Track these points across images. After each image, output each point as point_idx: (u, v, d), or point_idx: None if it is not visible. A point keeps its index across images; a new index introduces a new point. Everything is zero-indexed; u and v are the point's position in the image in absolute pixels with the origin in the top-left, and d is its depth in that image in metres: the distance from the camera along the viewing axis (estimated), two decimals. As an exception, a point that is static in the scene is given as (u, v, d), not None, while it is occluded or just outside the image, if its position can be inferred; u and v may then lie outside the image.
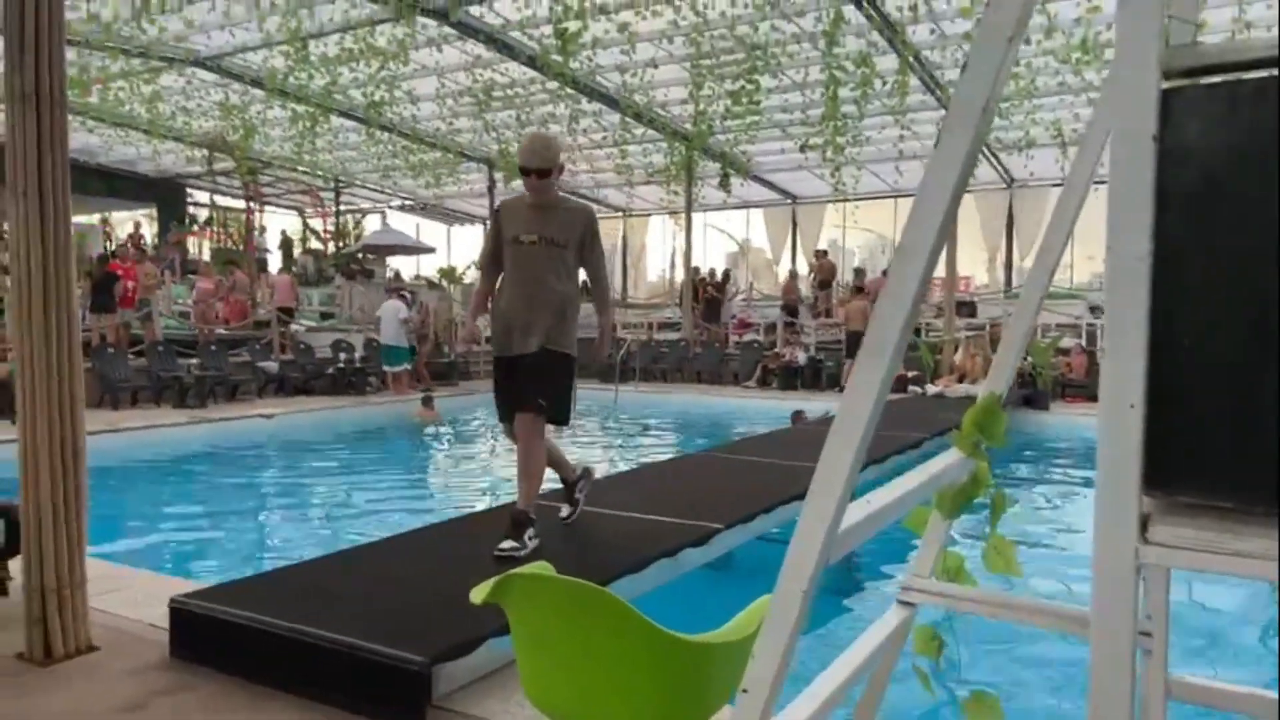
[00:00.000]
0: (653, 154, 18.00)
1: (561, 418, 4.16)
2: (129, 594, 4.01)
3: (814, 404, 12.65)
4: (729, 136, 16.27)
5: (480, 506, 7.26)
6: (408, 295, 16.32)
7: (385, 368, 14.70)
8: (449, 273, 22.18)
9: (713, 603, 4.66)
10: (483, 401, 15.11)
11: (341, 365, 14.66)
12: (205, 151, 16.97)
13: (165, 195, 22.25)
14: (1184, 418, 0.90)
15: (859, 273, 18.51)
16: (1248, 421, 0.87)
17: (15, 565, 3.96)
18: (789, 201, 22.86)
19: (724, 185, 17.86)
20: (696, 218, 20.21)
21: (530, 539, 3.99)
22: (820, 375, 16.03)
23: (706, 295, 19.92)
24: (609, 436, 12.64)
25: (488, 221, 22.36)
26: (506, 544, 3.89)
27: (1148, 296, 0.89)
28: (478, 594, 1.84)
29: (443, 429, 12.83)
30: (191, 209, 23.66)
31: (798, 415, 10.76)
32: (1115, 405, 0.89)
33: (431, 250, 24.22)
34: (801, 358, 16.19)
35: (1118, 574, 0.89)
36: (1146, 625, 1.51)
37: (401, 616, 3.23)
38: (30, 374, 3.34)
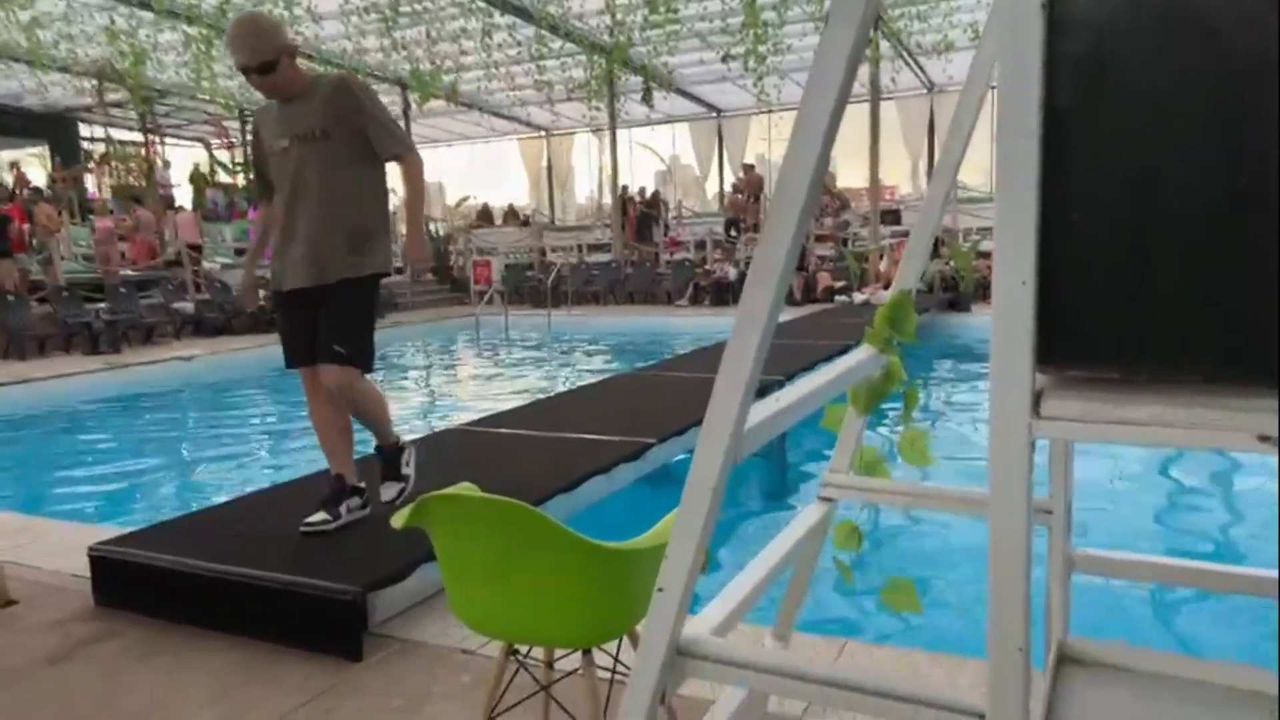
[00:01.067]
0: (572, 68, 17.49)
1: (363, 361, 3.31)
2: (45, 546, 3.89)
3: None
4: (648, 48, 15.88)
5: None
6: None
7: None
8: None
9: (653, 517, 4.75)
10: (413, 334, 14.88)
11: (262, 303, 14.17)
12: (94, 82, 15.89)
13: (57, 131, 20.86)
14: (1073, 293, 0.90)
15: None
16: (1130, 294, 0.88)
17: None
18: (714, 115, 22.58)
19: (647, 100, 17.52)
20: (622, 135, 19.86)
21: (352, 509, 3.44)
22: (751, 289, 16.11)
23: (636, 214, 19.75)
24: (544, 361, 12.59)
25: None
26: (317, 516, 3.32)
27: (1037, 172, 0.88)
28: (398, 519, 1.81)
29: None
30: (86, 145, 22.26)
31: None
32: (1007, 283, 0.89)
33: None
34: (733, 273, 16.25)
35: (1011, 451, 0.91)
36: (1047, 504, 1.56)
37: (331, 550, 3.20)
38: None
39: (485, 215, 24.77)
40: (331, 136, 3.19)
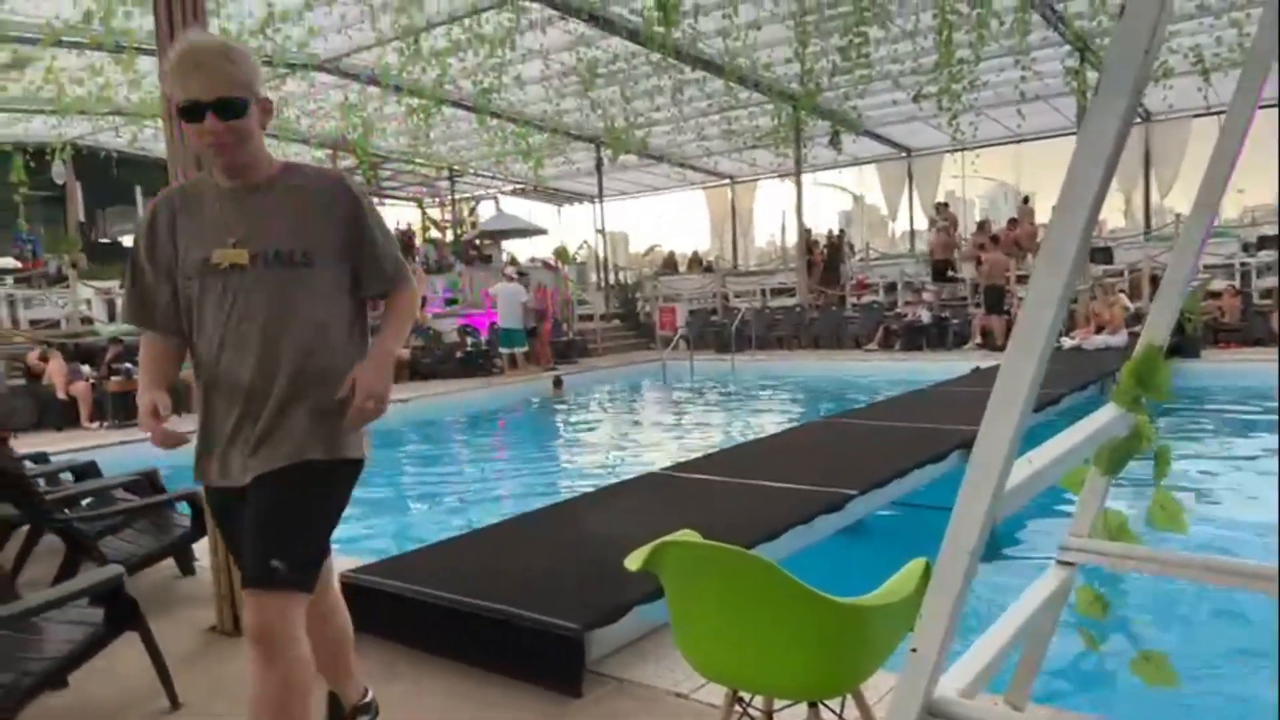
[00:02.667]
0: (759, 117, 17.73)
1: (307, 583, 2.07)
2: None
3: (942, 364, 12.30)
4: (838, 93, 15.84)
5: (611, 480, 7.45)
6: (525, 277, 16.75)
7: (503, 349, 15.16)
8: (563, 253, 22.58)
9: (849, 568, 4.66)
10: (604, 378, 15.39)
11: (469, 349, 15.21)
12: (329, 151, 17.80)
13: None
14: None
15: (983, 225, 17.74)
16: None
17: (199, 548, 4.35)
18: (904, 155, 22.08)
19: (835, 144, 17.42)
20: (806, 178, 19.81)
21: None
22: (946, 333, 15.52)
23: (822, 257, 19.56)
24: (728, 406, 12.65)
25: (595, 200, 22.74)
26: None
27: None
28: (632, 561, 1.91)
29: (569, 405, 13.15)
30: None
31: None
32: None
33: (544, 231, 24.74)
34: (925, 316, 15.70)
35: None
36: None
37: (551, 586, 3.38)
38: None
39: (670, 263, 25.38)
40: (315, 263, 2.08)
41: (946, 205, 19.87)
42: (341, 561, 4.55)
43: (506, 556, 3.78)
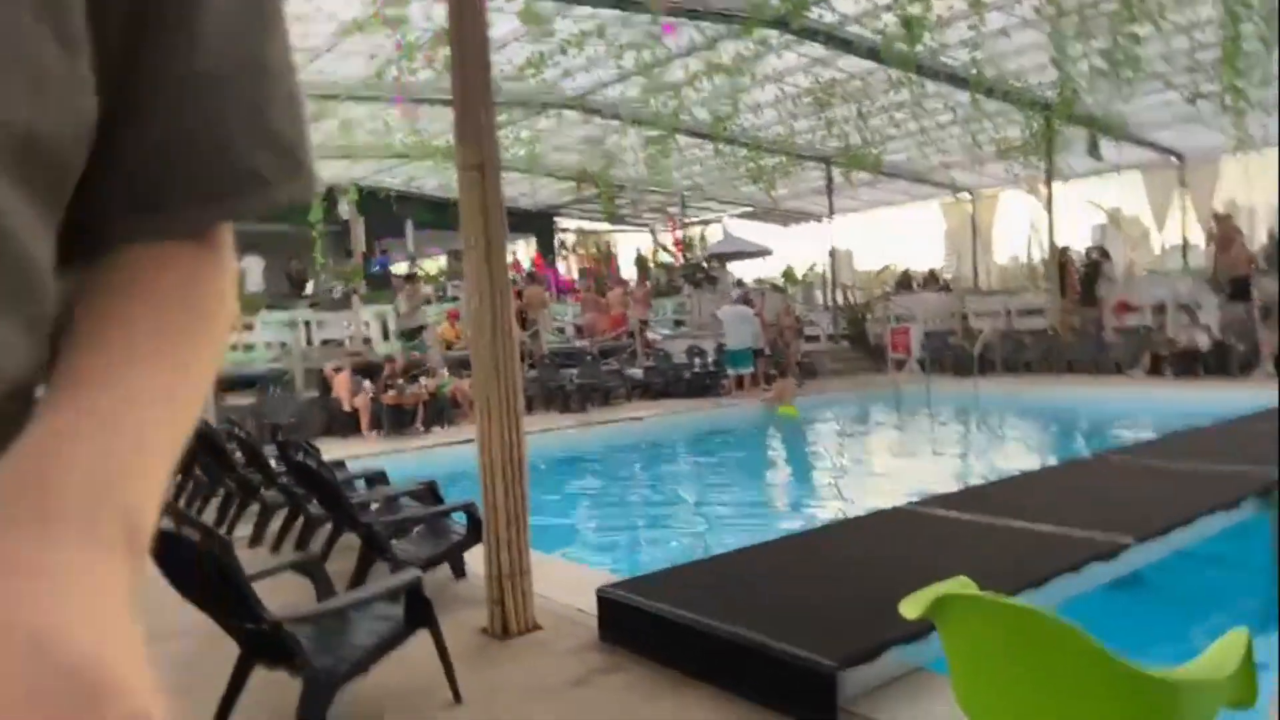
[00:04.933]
0: (1005, 128, 16.72)
1: None
2: (558, 581, 4.62)
3: (1225, 394, 10.91)
4: (1097, 97, 14.61)
5: (846, 509, 7.29)
6: (753, 300, 16.83)
7: (731, 370, 15.28)
8: (789, 274, 22.46)
9: (1121, 627, 4.25)
10: (834, 401, 15.08)
11: (696, 370, 15.51)
12: (573, 183, 18.91)
13: (539, 225, 25.15)
14: None
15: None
16: None
17: (469, 554, 4.76)
18: (1174, 161, 19.90)
19: (1094, 153, 16.04)
20: (1056, 188, 18.37)
21: None
22: (1228, 359, 13.74)
23: (1077, 275, 17.98)
24: (973, 436, 11.95)
25: (823, 219, 22.40)
26: None
27: None
28: (911, 609, 1.88)
29: (798, 429, 13.03)
30: (558, 235, 26.50)
31: None
32: None
33: (769, 253, 24.74)
34: (1203, 340, 14.01)
35: None
36: None
37: (802, 618, 3.38)
38: (484, 392, 4.02)
39: (904, 281, 24.44)
40: None
41: (1228, 216, 17.65)
42: (591, 575, 4.82)
43: (754, 583, 3.82)
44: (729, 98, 13.30)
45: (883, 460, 10.68)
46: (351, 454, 10.02)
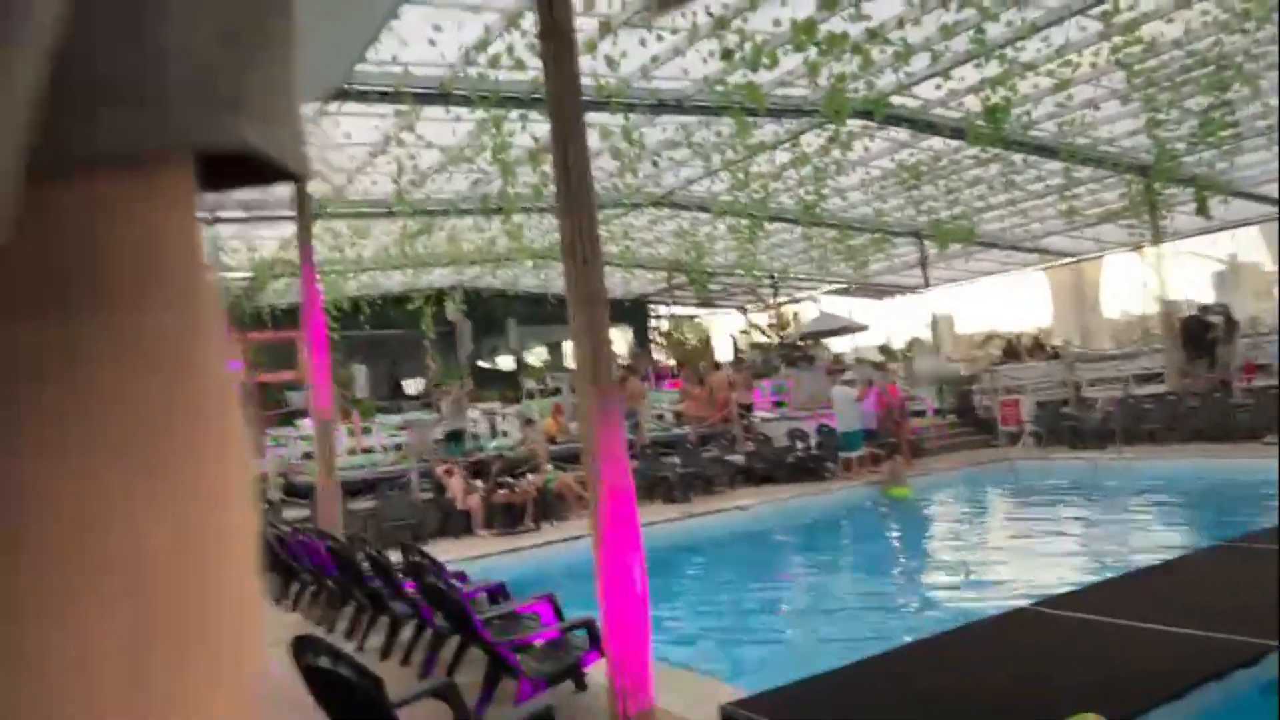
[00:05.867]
0: (1100, 192, 16.38)
1: None
2: (679, 692, 4.64)
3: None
4: (1198, 157, 14.22)
5: (967, 604, 7.07)
6: (853, 381, 16.69)
7: (842, 453, 15.08)
8: (887, 349, 22.19)
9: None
10: (945, 481, 14.66)
11: (800, 453, 15.37)
12: (665, 273, 19.39)
13: (634, 315, 25.73)
14: None
15: None
16: None
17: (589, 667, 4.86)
18: (1292, 212, 18.97)
19: (1202, 211, 15.50)
20: (1166, 247, 17.72)
21: None
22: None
23: (1199, 334, 17.09)
24: (1097, 518, 11.40)
25: (919, 292, 22.13)
26: None
27: None
28: None
29: (912, 512, 12.72)
30: (651, 321, 27.02)
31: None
32: None
33: (864, 328, 24.58)
34: (1345, 402, 13.12)
35: None
36: None
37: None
38: (596, 495, 4.20)
39: (1010, 350, 23.79)
40: None
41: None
42: (711, 686, 4.85)
43: (876, 699, 3.81)
44: (815, 185, 13.54)
45: (1005, 546, 10.30)
46: (468, 555, 10.33)
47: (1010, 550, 9.88)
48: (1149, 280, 17.94)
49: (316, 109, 8.60)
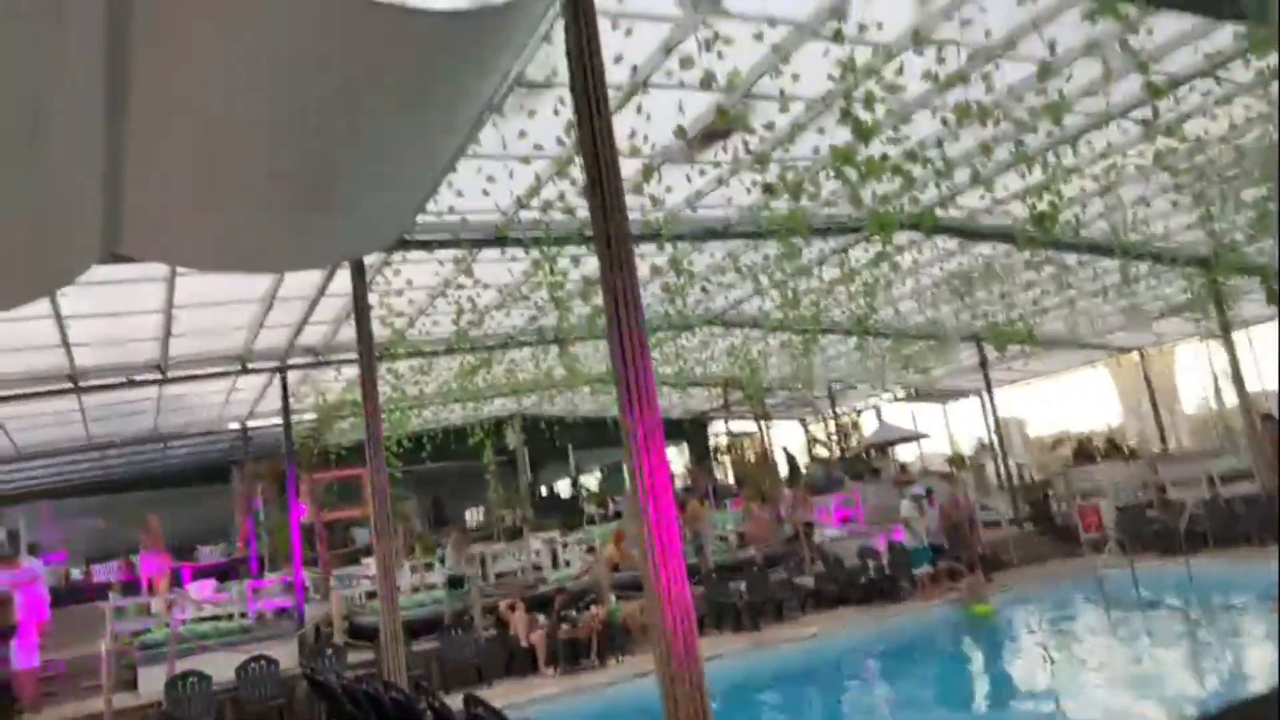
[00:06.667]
0: (1159, 287, 16.05)
1: None
2: None
3: None
4: (1258, 248, 13.92)
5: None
6: (920, 492, 16.19)
7: (915, 570, 14.49)
8: (957, 458, 21.59)
9: None
10: (1028, 596, 13.88)
11: (873, 574, 14.75)
12: (720, 389, 19.37)
13: (692, 432, 25.63)
14: None
15: None
16: None
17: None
18: (1368, 294, 18.29)
19: (1273, 301, 15.04)
20: (1238, 336, 17.12)
21: None
22: None
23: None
24: (1197, 632, 10.61)
25: (982, 395, 21.69)
26: None
27: None
28: None
29: (997, 634, 12.03)
30: (711, 437, 26.84)
31: None
32: None
33: (926, 436, 24.04)
34: None
35: None
36: None
37: None
38: (657, 625, 4.03)
39: (1084, 451, 22.95)
40: None
41: None
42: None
43: None
44: (866, 299, 13.54)
45: (1098, 668, 9.62)
46: (534, 697, 10.02)
47: (1105, 671, 9.20)
48: (1220, 370, 17.32)
49: (381, 259, 8.99)
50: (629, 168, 7.02)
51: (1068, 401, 26.25)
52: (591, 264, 9.07)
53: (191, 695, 9.89)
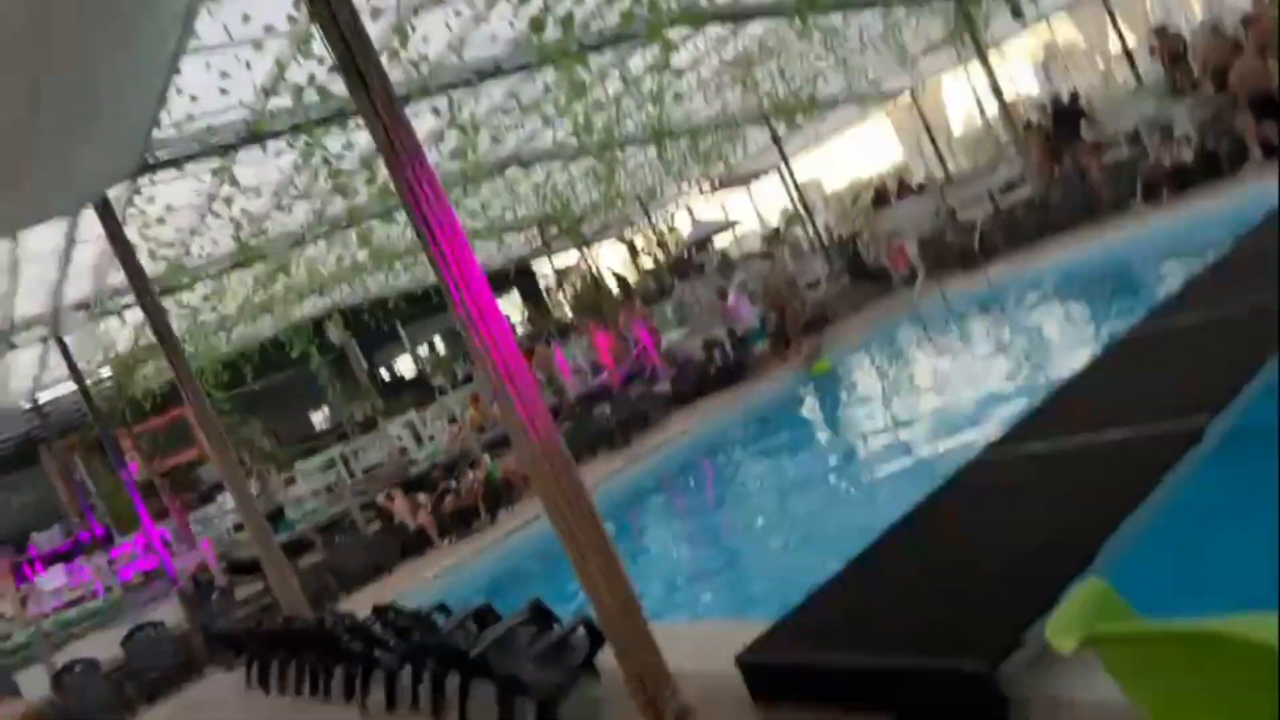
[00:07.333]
0: (921, 26, 16.64)
1: None
2: (689, 650, 4.53)
3: (1228, 201, 10.76)
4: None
5: (931, 462, 7.23)
6: (742, 277, 16.86)
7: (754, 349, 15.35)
8: (770, 235, 22.43)
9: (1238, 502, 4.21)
10: (858, 344, 14.98)
11: (718, 363, 15.45)
12: (537, 229, 18.99)
13: (519, 279, 25.25)
14: None
15: (1216, 29, 15.35)
16: None
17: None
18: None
19: (1016, 15, 15.92)
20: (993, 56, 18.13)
21: None
22: (1216, 164, 13.59)
23: (1047, 129, 17.61)
24: (1010, 334, 11.84)
25: (780, 170, 22.39)
26: None
27: None
28: (1062, 639, 1.85)
29: (836, 387, 12.99)
30: (540, 280, 26.62)
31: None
32: None
33: (739, 222, 24.82)
34: (1187, 154, 13.91)
35: None
36: None
37: (941, 618, 3.39)
38: (535, 471, 4.12)
39: (880, 196, 24.32)
40: None
41: (1165, 29, 17.45)
42: (716, 631, 4.85)
43: (876, 596, 3.88)
44: (655, 104, 13.32)
45: (935, 391, 10.62)
46: (436, 572, 10.15)
47: (943, 393, 10.21)
48: (982, 91, 18.46)
49: (128, 190, 7.95)
50: (376, 31, 6.35)
51: (856, 154, 27.47)
52: (365, 137, 8.36)
53: (82, 684, 9.40)
